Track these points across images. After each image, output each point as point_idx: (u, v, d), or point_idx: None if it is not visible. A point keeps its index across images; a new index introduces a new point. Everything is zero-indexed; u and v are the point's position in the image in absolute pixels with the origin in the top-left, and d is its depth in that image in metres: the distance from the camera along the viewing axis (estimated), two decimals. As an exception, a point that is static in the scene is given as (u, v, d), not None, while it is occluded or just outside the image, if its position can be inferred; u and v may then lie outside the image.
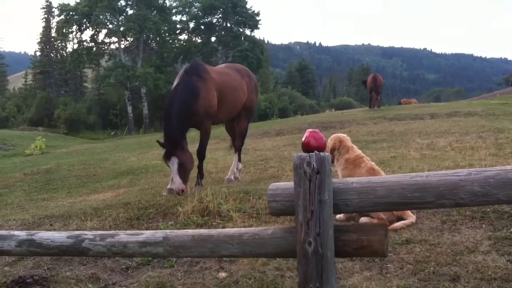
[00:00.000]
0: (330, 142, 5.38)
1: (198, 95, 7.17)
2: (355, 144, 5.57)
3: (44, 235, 2.65)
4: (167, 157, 7.01)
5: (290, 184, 2.24)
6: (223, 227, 5.27)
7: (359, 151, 5.31)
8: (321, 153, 2.17)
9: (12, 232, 2.78)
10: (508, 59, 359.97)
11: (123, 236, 2.46)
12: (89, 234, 2.56)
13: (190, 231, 2.45)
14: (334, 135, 5.57)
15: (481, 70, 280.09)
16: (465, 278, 3.55)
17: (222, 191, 6.40)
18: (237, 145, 8.71)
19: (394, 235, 4.47)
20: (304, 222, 2.14)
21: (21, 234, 2.73)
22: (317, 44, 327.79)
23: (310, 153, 2.16)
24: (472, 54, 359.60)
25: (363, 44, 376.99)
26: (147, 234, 2.45)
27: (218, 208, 5.69)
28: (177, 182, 6.86)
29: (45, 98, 61.89)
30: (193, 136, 8.56)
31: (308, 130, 2.33)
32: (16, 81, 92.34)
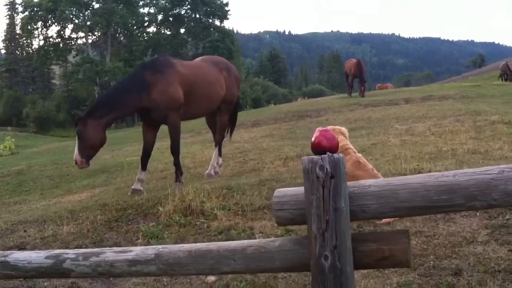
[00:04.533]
0: None
1: (145, 88, 7.15)
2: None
3: (20, 256, 2.37)
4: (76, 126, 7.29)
5: (299, 189, 2.01)
6: (207, 226, 5.06)
7: (346, 142, 5.12)
8: (335, 155, 1.94)
9: (-18, 254, 2.50)
10: (475, 41, 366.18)
11: (110, 254, 2.20)
12: (70, 253, 2.29)
13: (186, 246, 2.20)
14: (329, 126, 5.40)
15: (449, 53, 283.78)
16: (468, 272, 3.40)
17: (204, 187, 6.18)
18: (217, 139, 8.50)
19: (387, 228, 4.32)
20: (318, 234, 1.91)
21: (-7, 255, 2.46)
22: (287, 33, 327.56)
23: (323, 156, 1.93)
24: (440, 38, 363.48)
25: (332, 31, 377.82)
26: (136, 251, 2.19)
27: (201, 207, 5.46)
28: (74, 154, 7.17)
29: (13, 97, 60.67)
30: (165, 130, 8.34)
31: (317, 129, 2.11)
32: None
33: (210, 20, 66.28)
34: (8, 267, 2.34)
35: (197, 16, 65.45)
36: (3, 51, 76.69)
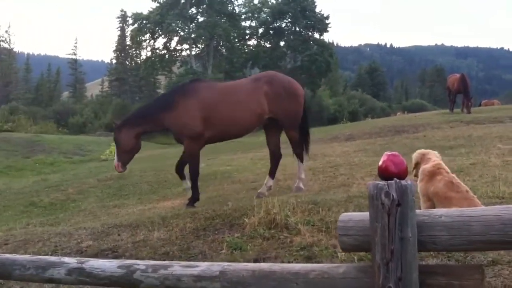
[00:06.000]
0: (414, 156, 5.06)
1: (167, 110, 7.61)
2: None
3: (95, 264, 2.50)
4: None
5: (365, 215, 1.93)
6: (290, 241, 5.04)
7: (438, 161, 4.89)
8: (403, 181, 1.84)
9: (62, 259, 2.66)
10: None
11: (177, 268, 2.25)
12: (141, 264, 2.37)
13: (250, 265, 2.20)
14: (420, 150, 5.24)
15: None
16: None
17: (290, 201, 6.17)
18: (297, 152, 8.39)
19: (478, 255, 4.07)
20: (382, 264, 1.82)
21: (71, 261, 2.59)
22: (388, 46, 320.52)
23: (389, 181, 1.84)
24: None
25: (436, 45, 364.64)
26: (202, 267, 2.22)
27: (285, 221, 5.45)
28: (114, 161, 7.87)
29: (120, 105, 63.78)
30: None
31: (385, 153, 2.01)
32: (94, 88, 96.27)
33: (310, 33, 66.22)
34: (83, 274, 2.47)
35: (297, 29, 65.66)
36: (113, 61, 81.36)
